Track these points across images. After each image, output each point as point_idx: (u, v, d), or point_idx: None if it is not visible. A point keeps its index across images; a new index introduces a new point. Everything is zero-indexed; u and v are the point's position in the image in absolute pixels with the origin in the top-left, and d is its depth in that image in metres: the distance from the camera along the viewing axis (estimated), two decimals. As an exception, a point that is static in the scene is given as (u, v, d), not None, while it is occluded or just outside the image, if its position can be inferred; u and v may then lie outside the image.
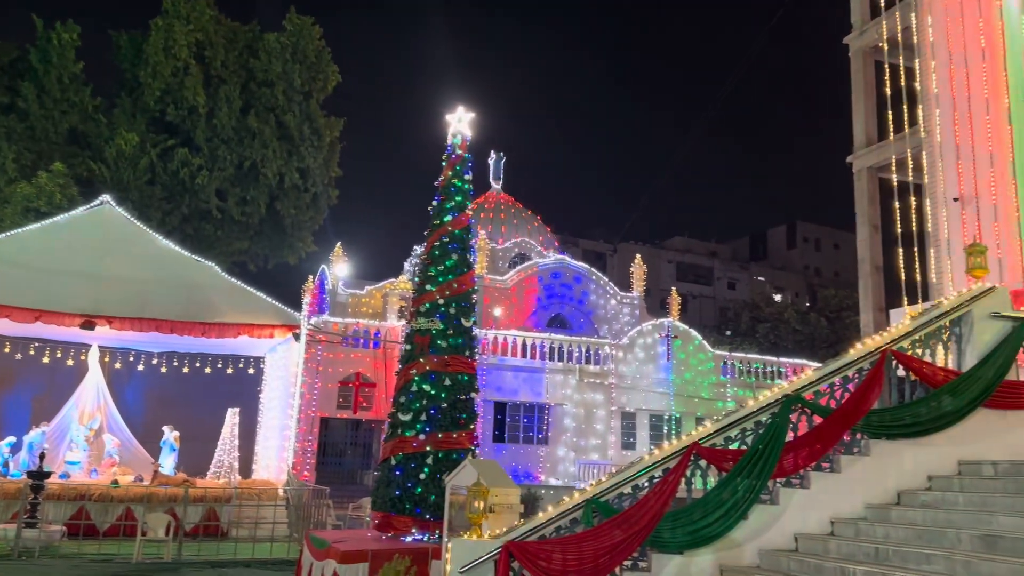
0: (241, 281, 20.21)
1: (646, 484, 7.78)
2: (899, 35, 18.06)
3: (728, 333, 41.40)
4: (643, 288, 34.17)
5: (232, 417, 19.66)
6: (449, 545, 7.50)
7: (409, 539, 10.24)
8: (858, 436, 8.27)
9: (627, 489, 7.82)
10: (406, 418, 10.79)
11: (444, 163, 12.00)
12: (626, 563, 7.54)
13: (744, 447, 8.04)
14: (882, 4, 18.37)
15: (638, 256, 35.58)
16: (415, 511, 10.37)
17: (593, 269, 34.36)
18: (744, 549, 7.64)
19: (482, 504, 7.45)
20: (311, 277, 29.83)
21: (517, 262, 33.39)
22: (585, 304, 32.89)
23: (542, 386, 25.86)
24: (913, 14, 17.82)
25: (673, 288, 37.44)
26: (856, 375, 8.35)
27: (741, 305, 47.20)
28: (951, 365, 8.74)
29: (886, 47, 18.35)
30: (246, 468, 20.70)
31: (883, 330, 9.04)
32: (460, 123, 12.16)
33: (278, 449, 19.84)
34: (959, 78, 16.47)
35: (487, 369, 24.45)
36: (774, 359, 29.98)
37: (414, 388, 10.89)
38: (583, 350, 26.89)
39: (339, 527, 16.20)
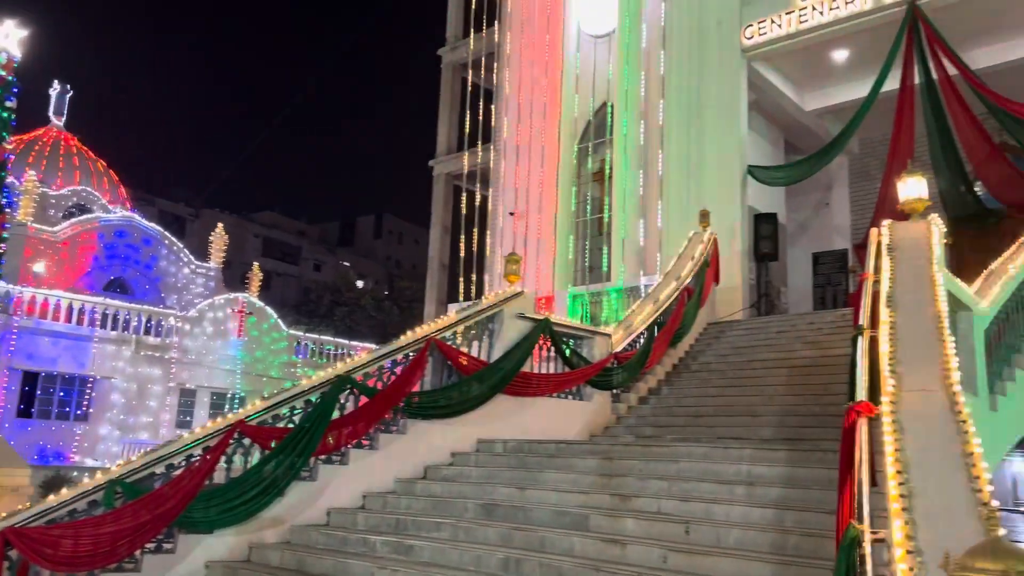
0: None
1: (183, 463, 7.41)
2: (483, 58, 20.08)
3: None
4: (223, 259, 32.55)
5: None
6: (-81, 537, 6.24)
7: None
8: (398, 416, 8.94)
9: (160, 469, 7.36)
10: None
11: (-25, 81, 9.97)
12: (149, 546, 7.09)
13: (292, 425, 8.13)
14: (472, 26, 20.26)
15: (220, 225, 33.78)
16: None
17: (168, 233, 31.66)
18: (279, 526, 7.72)
19: (-27, 487, 6.35)
20: None
21: (75, 213, 29.24)
22: (153, 270, 30.14)
23: (88, 356, 23.02)
24: (497, 41, 19.98)
25: (256, 263, 36.35)
26: (404, 360, 9.01)
27: (324, 287, 47.84)
28: (483, 356, 9.93)
29: (471, 66, 20.31)
30: None
31: (432, 321, 9.91)
32: (7, 39, 10.20)
33: None
34: (526, 110, 18.87)
35: (17, 333, 20.99)
36: (347, 342, 30.97)
37: (-102, 348, 8.83)
38: (143, 319, 24.62)
39: None
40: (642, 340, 11.84)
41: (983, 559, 2.26)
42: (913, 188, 7.42)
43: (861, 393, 4.19)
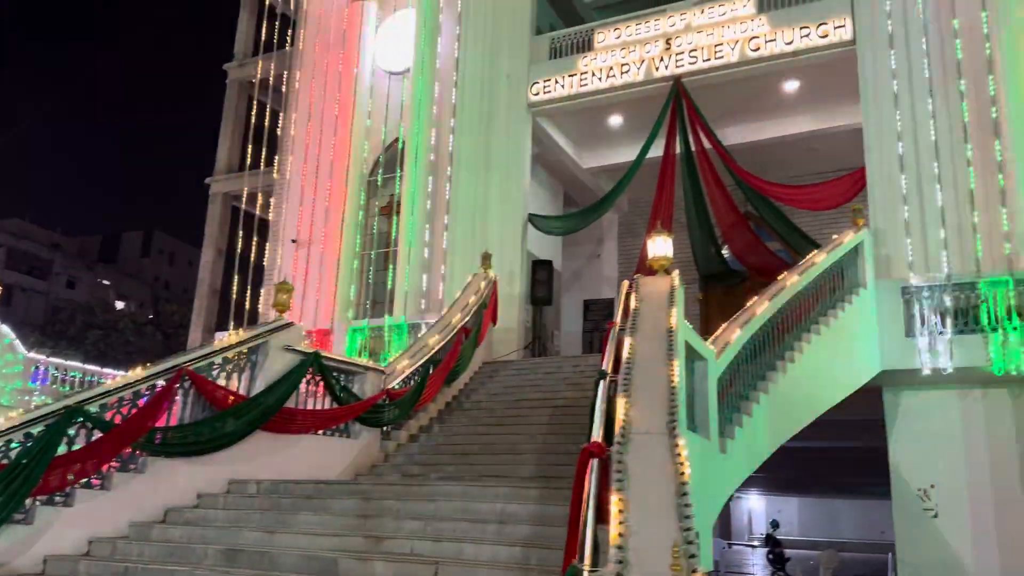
0: None
1: None
2: (272, 78, 19.40)
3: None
4: (-49, 269, 28.34)
5: None
6: None
7: None
8: (138, 453, 8.15)
9: None
10: None
11: None
12: None
13: (8, 461, 7.14)
14: (263, 45, 19.52)
15: (-49, 230, 29.47)
16: None
17: None
18: (-23, 579, 6.69)
19: None
20: None
21: None
22: None
23: None
24: (289, 63, 19.42)
25: (-6, 275, 32.01)
26: (149, 391, 8.27)
27: (76, 307, 43.11)
28: (242, 390, 9.37)
29: (258, 85, 19.53)
30: None
31: (188, 350, 9.21)
32: None
33: None
34: (315, 136, 18.41)
35: None
36: (97, 369, 27.92)
37: None
38: None
39: None
40: (417, 377, 11.80)
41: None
42: (660, 247, 8.10)
43: (597, 434, 4.42)
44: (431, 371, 12.00)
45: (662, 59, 15.76)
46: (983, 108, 12.64)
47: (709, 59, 15.33)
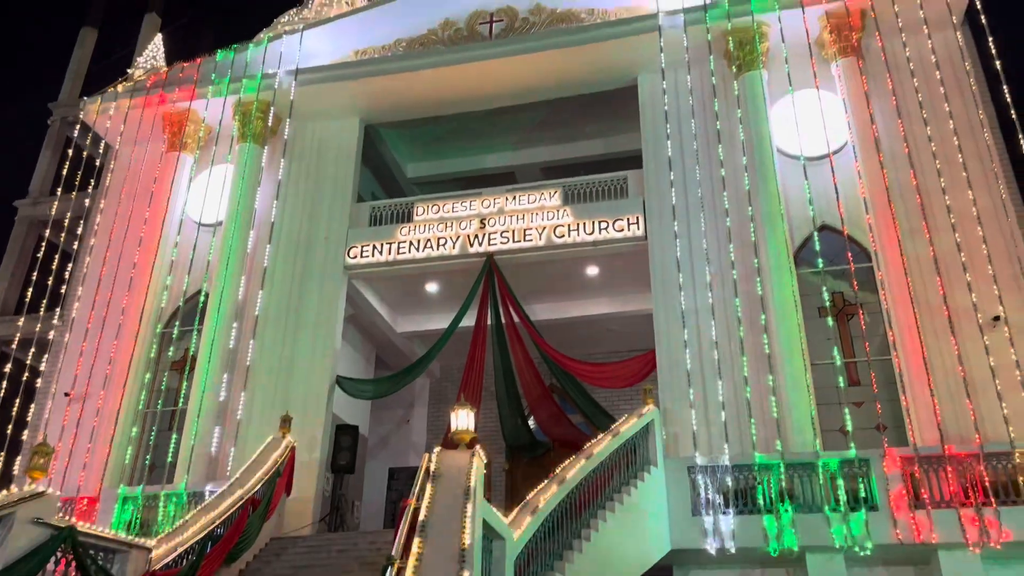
0: None
1: None
2: (68, 220, 18.14)
3: None
4: None
5: None
6: None
7: None
8: None
9: None
10: None
11: None
12: None
13: None
14: (63, 185, 18.32)
15: None
16: None
17: None
18: None
19: None
20: None
21: None
22: None
23: None
24: (88, 206, 18.31)
25: None
26: None
27: None
28: (-27, 571, 7.95)
29: (51, 226, 18.12)
30: None
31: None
32: None
33: None
34: (107, 282, 17.14)
35: None
36: None
37: None
38: None
39: None
40: (192, 556, 10.62)
41: None
42: (463, 420, 8.09)
43: (378, 631, 4.08)
44: (208, 549, 10.87)
45: (477, 236, 16.54)
46: (753, 307, 14.19)
47: (519, 241, 16.31)
